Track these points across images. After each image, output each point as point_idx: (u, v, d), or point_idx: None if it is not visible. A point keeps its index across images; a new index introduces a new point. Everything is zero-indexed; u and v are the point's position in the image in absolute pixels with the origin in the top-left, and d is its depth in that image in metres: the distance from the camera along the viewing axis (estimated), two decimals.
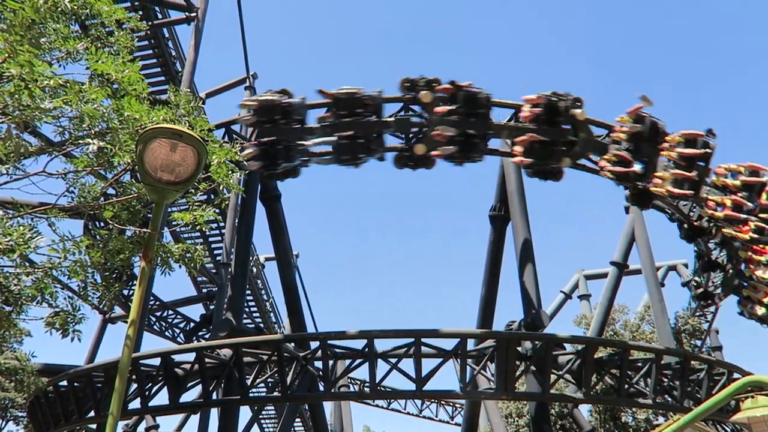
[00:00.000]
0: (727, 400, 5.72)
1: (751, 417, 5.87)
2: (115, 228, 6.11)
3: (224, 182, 6.30)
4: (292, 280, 17.82)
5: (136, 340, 6.18)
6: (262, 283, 26.34)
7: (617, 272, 21.77)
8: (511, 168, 16.59)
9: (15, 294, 5.42)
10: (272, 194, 17.13)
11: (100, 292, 6.24)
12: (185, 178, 4.84)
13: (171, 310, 22.55)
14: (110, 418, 4.74)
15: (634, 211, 22.01)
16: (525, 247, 15.47)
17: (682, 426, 6.09)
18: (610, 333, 22.36)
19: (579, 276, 32.32)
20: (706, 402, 5.36)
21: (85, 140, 5.49)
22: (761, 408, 5.74)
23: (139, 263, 8.05)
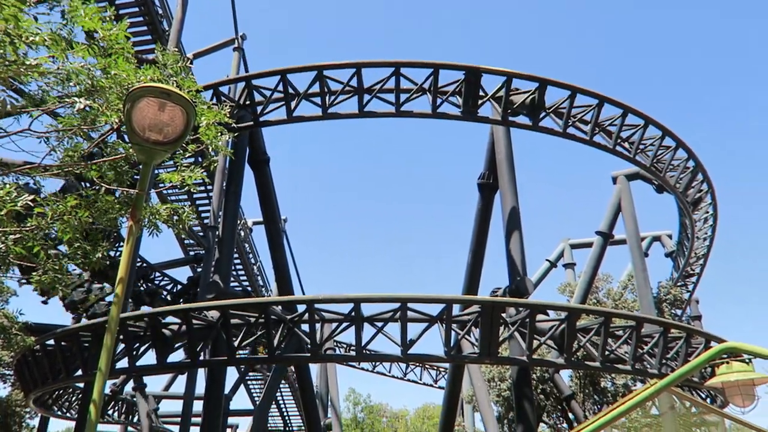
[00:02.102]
0: (703, 366, 5.89)
1: (725, 381, 6.07)
2: (102, 188, 6.06)
3: (213, 144, 6.25)
4: (279, 243, 17.88)
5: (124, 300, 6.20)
6: (249, 247, 26.36)
7: (602, 242, 22.07)
8: (500, 135, 16.60)
9: (2, 252, 5.40)
10: (261, 158, 17.05)
11: (87, 251, 6.22)
12: (174, 138, 4.80)
13: (158, 272, 22.54)
14: (99, 374, 4.80)
15: (621, 182, 22.19)
16: (512, 216, 15.60)
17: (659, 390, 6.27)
18: (593, 301, 22.74)
19: (564, 245, 32.69)
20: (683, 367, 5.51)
21: (71, 99, 5.39)
22: (735, 373, 5.93)
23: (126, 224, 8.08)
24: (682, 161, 17.87)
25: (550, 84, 15.20)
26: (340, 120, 15.72)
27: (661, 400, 10.36)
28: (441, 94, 15.20)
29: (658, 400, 9.11)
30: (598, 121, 15.91)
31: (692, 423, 15.75)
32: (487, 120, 15.91)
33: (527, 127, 15.71)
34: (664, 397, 11.34)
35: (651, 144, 17.07)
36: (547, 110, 15.70)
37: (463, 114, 15.26)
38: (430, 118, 15.37)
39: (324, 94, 15.02)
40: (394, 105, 15.17)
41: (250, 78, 15.27)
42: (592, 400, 21.93)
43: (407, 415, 59.55)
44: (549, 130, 15.71)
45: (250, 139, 16.66)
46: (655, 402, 7.86)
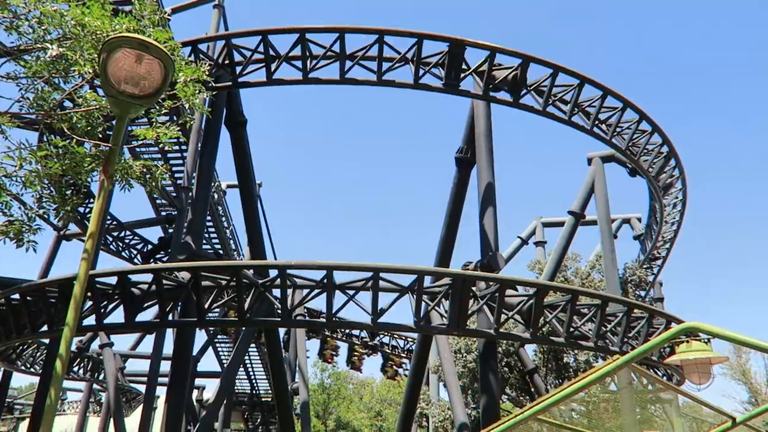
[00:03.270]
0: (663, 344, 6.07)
1: (684, 360, 6.28)
2: (74, 140, 5.89)
3: (190, 102, 6.11)
4: (254, 208, 17.74)
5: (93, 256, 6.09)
6: (222, 210, 26.08)
7: (574, 221, 22.39)
8: (481, 110, 16.59)
9: None
10: (237, 120, 16.78)
11: (57, 205, 6.08)
12: (150, 92, 4.67)
13: (128, 230, 22.23)
14: (66, 329, 4.74)
15: (596, 164, 22.44)
16: (488, 191, 15.69)
17: (619, 366, 6.45)
18: (561, 279, 23.18)
19: (537, 223, 33.10)
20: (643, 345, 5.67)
21: (43, 44, 5.19)
22: (694, 352, 6.14)
23: (97, 179, 7.90)
24: (657, 146, 18.13)
25: (533, 61, 15.18)
26: (320, 85, 15.52)
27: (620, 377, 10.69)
28: (423, 65, 15.07)
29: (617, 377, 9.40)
30: (578, 101, 15.98)
31: (648, 399, 16.31)
32: (469, 94, 15.84)
33: (508, 104, 15.70)
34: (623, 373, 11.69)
35: (628, 127, 17.24)
36: (528, 87, 15.70)
37: (444, 86, 15.17)
38: (412, 88, 15.24)
39: (305, 58, 14.76)
40: (375, 73, 14.99)
41: (230, 37, 14.91)
42: (554, 374, 22.52)
43: (373, 382, 60.47)
44: (529, 108, 15.73)
45: (227, 99, 16.34)
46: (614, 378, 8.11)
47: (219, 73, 14.73)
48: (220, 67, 14.80)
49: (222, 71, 14.86)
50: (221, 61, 14.87)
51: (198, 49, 14.62)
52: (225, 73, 14.90)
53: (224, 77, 14.90)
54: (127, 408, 32.42)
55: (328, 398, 51.85)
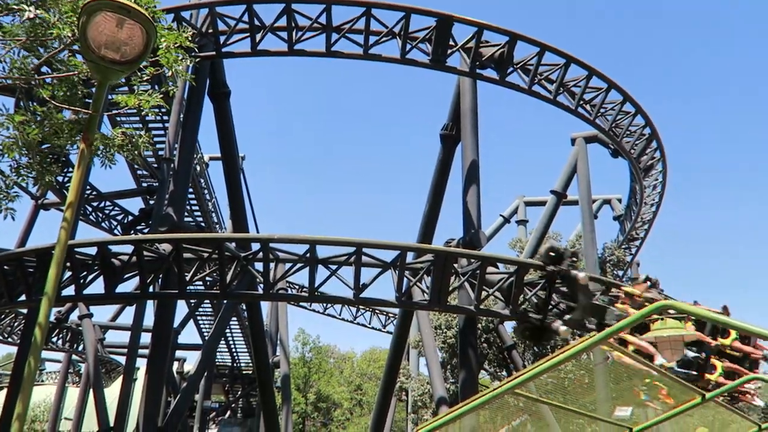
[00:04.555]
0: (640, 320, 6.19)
1: (658, 337, 6.43)
2: (52, 106, 5.76)
3: (173, 69, 5.99)
4: (237, 180, 17.61)
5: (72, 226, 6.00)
6: (205, 182, 25.81)
7: (555, 201, 22.60)
8: (467, 87, 16.53)
9: None
10: (221, 90, 16.55)
11: (35, 173, 5.97)
12: (131, 58, 4.58)
13: (108, 201, 21.96)
14: (45, 298, 4.69)
15: (579, 144, 22.60)
16: (472, 169, 15.73)
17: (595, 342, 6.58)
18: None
19: (519, 201, 33.31)
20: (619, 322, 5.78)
21: (19, 6, 5.04)
22: (669, 329, 6.29)
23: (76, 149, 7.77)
24: (639, 128, 18.31)
25: (521, 39, 15.14)
26: (305, 57, 15.33)
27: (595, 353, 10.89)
28: (411, 40, 14.95)
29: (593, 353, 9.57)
30: (564, 81, 16.04)
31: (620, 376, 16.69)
32: (455, 70, 15.78)
33: (494, 81, 15.69)
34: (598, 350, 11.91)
35: (611, 108, 17.37)
36: (514, 66, 15.70)
37: (431, 62, 15.09)
38: (398, 63, 15.14)
39: (291, 29, 14.55)
40: (362, 47, 14.84)
41: (214, 5, 14.60)
42: (531, 351, 22.93)
43: (354, 357, 61.07)
44: (515, 86, 15.74)
45: (211, 70, 16.07)
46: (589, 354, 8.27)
47: (203, 42, 14.46)
48: (203, 36, 14.53)
49: (205, 40, 14.59)
50: (205, 29, 14.60)
51: (181, 16, 14.32)
52: (209, 42, 14.64)
53: (208, 46, 14.64)
54: (106, 379, 32.43)
55: (309, 372, 52.26)
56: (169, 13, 13.88)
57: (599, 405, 8.77)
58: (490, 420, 7.65)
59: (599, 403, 8.77)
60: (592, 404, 8.62)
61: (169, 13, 13.85)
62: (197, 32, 14.24)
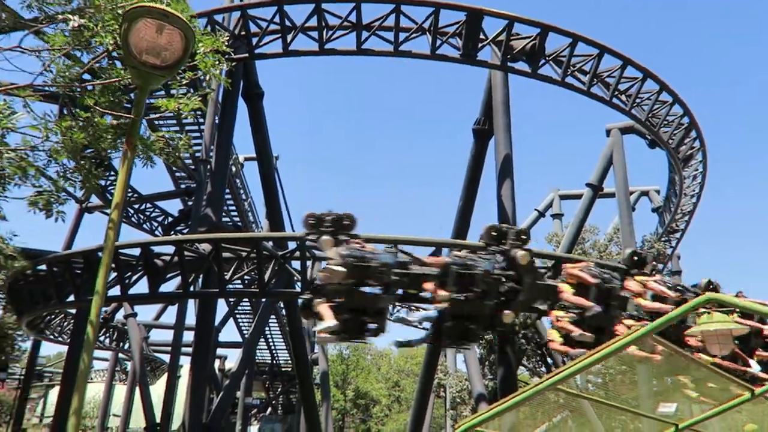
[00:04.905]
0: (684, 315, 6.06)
1: (705, 331, 6.27)
2: (97, 111, 5.96)
3: (210, 73, 6.13)
4: (272, 180, 17.84)
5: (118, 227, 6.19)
6: (240, 183, 26.26)
7: (591, 194, 22.22)
8: (498, 81, 16.41)
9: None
10: (255, 92, 16.79)
11: (82, 176, 6.19)
12: (171, 63, 4.70)
13: (149, 203, 22.53)
14: (96, 297, 4.85)
15: (615, 135, 22.15)
16: (505, 163, 15.60)
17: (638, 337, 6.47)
18: (579, 252, 23.07)
19: (554, 195, 32.86)
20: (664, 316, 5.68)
21: (64, 15, 5.23)
22: (715, 323, 6.13)
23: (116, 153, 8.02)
24: (677, 117, 17.84)
25: (552, 30, 14.94)
26: (336, 58, 15.45)
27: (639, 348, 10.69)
28: (441, 35, 14.90)
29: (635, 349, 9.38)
30: (597, 71, 15.77)
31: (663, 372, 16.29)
32: (486, 64, 15.66)
33: (526, 74, 15.52)
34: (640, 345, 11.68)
35: (648, 98, 16.98)
36: (546, 58, 15.51)
37: (462, 57, 15.01)
38: (429, 59, 15.11)
39: (321, 28, 14.67)
40: (392, 44, 14.86)
41: (246, 8, 14.83)
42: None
43: (391, 353, 61.21)
44: (548, 78, 15.55)
45: (244, 71, 16.33)
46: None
47: (235, 44, 14.70)
48: (236, 39, 14.77)
49: (238, 43, 14.83)
50: (237, 32, 14.84)
51: (214, 20, 14.59)
52: (241, 44, 14.87)
53: (240, 49, 14.87)
54: (151, 376, 33.26)
55: (347, 369, 52.63)
56: (202, 17, 14.17)
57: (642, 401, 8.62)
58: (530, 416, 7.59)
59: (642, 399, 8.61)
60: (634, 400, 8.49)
61: (203, 17, 14.13)
62: (231, 35, 14.48)
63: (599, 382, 10.66)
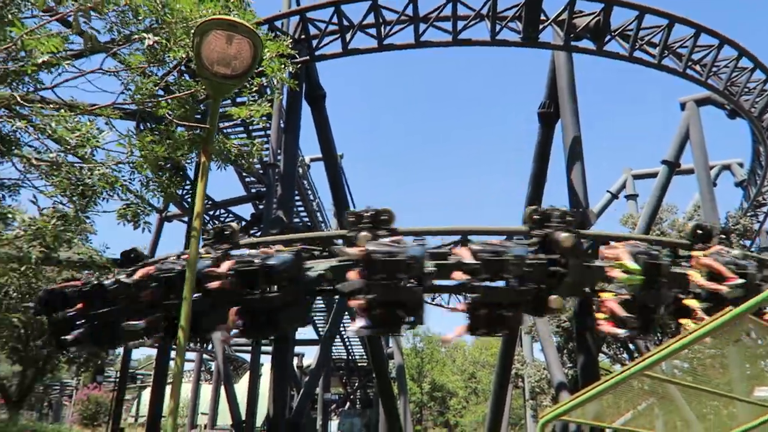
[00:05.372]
0: None
1: None
2: (174, 123, 6.24)
3: (277, 77, 6.28)
4: (338, 179, 18.07)
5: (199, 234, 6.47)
6: (308, 184, 26.78)
7: (668, 171, 21.25)
8: (562, 62, 15.93)
9: (90, 186, 5.71)
10: (317, 93, 17.03)
11: (164, 188, 6.50)
12: (241, 72, 4.85)
13: (223, 208, 23.36)
14: (185, 303, 5.10)
15: (690, 108, 21.09)
16: (574, 146, 15.15)
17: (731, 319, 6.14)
18: (657, 232, 22.13)
19: (627, 175, 31.62)
20: (758, 296, 5.36)
21: (139, 35, 5.50)
22: None
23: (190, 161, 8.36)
24: (759, 83, 16.78)
25: (617, 4, 14.37)
26: (393, 53, 15.45)
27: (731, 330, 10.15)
28: (500, 20, 14.63)
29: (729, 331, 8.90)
30: (668, 43, 15.06)
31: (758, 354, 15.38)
32: (549, 45, 15.25)
33: (591, 52, 15.02)
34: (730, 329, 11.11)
35: (725, 66, 16.07)
36: (612, 33, 14.97)
37: (523, 40, 14.68)
38: (489, 45, 14.87)
39: (379, 24, 14.72)
40: (451, 33, 14.73)
41: (304, 11, 15.09)
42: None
43: (465, 345, 60.87)
44: (614, 55, 15.00)
45: (306, 74, 16.62)
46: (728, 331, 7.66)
47: (296, 48, 14.95)
48: (297, 42, 15.02)
49: (299, 46, 15.09)
50: (297, 36, 15.11)
51: (274, 26, 14.91)
52: (302, 47, 15.13)
53: (302, 52, 15.13)
54: (234, 375, 34.57)
55: (422, 362, 52.76)
56: (263, 25, 14.52)
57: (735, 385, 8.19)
58: (613, 405, 7.37)
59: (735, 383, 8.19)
60: (726, 385, 8.08)
61: (263, 24, 14.48)
62: (292, 39, 14.77)
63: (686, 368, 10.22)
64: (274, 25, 14.84)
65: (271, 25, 14.74)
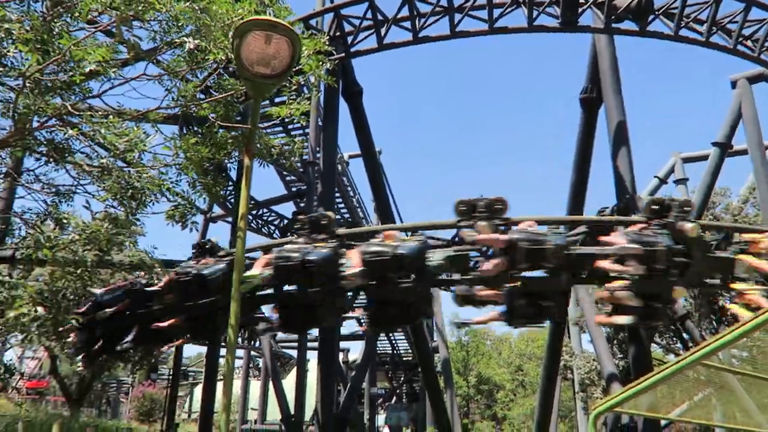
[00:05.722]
0: None
1: None
2: (216, 124, 6.35)
3: (316, 74, 6.31)
4: (378, 175, 18.08)
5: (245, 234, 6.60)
6: (347, 180, 26.91)
7: (719, 153, 20.48)
8: (603, 45, 15.51)
9: (139, 189, 5.87)
10: (354, 89, 17.04)
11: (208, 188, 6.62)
12: (281, 70, 4.88)
13: (265, 208, 23.69)
14: (233, 302, 5.18)
15: (742, 86, 20.25)
16: (618, 131, 14.74)
17: None
18: (709, 217, 21.38)
19: (675, 159, 30.58)
20: None
21: (181, 40, 5.60)
22: None
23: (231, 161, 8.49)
24: None
25: None
26: (428, 45, 15.30)
27: None
28: (537, 6, 14.32)
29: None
30: (716, 19, 14.47)
31: None
32: (589, 29, 14.85)
33: (634, 33, 14.56)
34: None
35: None
36: (655, 12, 14.44)
37: (561, 25, 14.33)
38: (527, 32, 14.58)
39: (413, 17, 14.62)
40: (487, 22, 14.49)
41: (339, 8, 15.10)
42: (708, 319, 21.05)
43: (511, 338, 60.30)
44: (659, 35, 14.49)
45: (342, 71, 16.64)
46: None
47: (332, 45, 15.01)
48: (332, 40, 15.06)
49: (334, 43, 15.11)
50: (332, 33, 15.14)
51: (309, 25, 14.98)
52: (337, 45, 15.15)
53: (337, 49, 15.15)
54: (282, 371, 35.14)
55: (467, 355, 52.52)
56: (296, 25, 14.62)
57: None
58: (668, 395, 7.16)
59: None
60: None
61: (297, 24, 14.58)
62: (328, 37, 14.82)
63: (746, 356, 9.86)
64: (308, 24, 14.90)
65: (306, 24, 14.80)
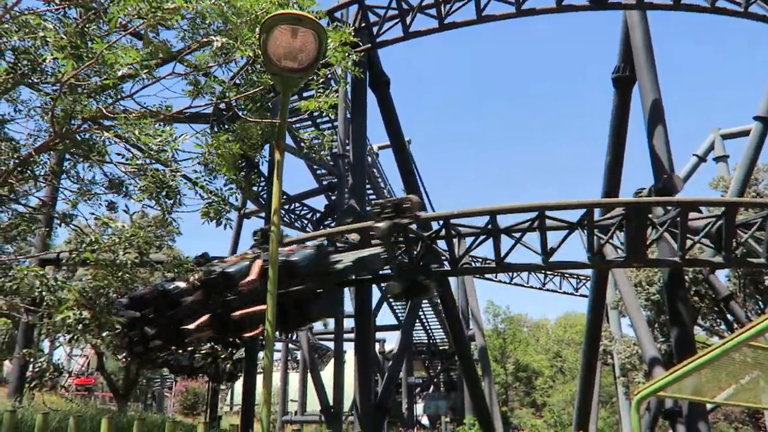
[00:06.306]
0: None
1: None
2: (246, 120, 6.39)
3: (342, 65, 6.28)
4: (408, 165, 18.02)
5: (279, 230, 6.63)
6: (377, 171, 26.90)
7: (762, 127, 19.74)
8: (635, 21, 15.08)
9: (174, 188, 5.96)
10: (381, 80, 16.98)
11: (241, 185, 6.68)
12: (308, 63, 4.86)
13: (297, 202, 23.88)
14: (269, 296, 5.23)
15: None
16: (654, 109, 14.35)
17: None
18: (752, 194, 20.69)
19: (715, 136, 29.58)
20: None
21: (208, 38, 5.63)
22: None
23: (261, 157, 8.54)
24: None
25: None
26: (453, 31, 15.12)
27: None
28: None
29: None
30: None
31: None
32: (620, 6, 14.47)
33: (667, 7, 14.12)
34: None
35: None
36: None
37: (591, 3, 14.00)
38: (555, 12, 14.28)
39: (439, 4, 14.47)
40: (514, 5, 14.25)
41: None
42: (753, 299, 20.45)
43: (548, 324, 59.69)
44: (695, 8, 14.03)
45: (369, 62, 16.60)
46: None
47: (357, 36, 14.96)
48: (357, 31, 15.03)
49: (360, 35, 15.07)
50: (357, 24, 15.10)
51: (334, 17, 14.97)
52: (363, 36, 15.11)
53: (363, 40, 15.10)
54: (319, 363, 35.52)
55: (504, 342, 52.24)
56: (322, 18, 14.60)
57: None
58: (713, 379, 6.97)
59: None
60: None
61: (322, 18, 14.57)
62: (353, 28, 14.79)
63: None
64: (333, 16, 14.91)
65: (331, 17, 14.81)
